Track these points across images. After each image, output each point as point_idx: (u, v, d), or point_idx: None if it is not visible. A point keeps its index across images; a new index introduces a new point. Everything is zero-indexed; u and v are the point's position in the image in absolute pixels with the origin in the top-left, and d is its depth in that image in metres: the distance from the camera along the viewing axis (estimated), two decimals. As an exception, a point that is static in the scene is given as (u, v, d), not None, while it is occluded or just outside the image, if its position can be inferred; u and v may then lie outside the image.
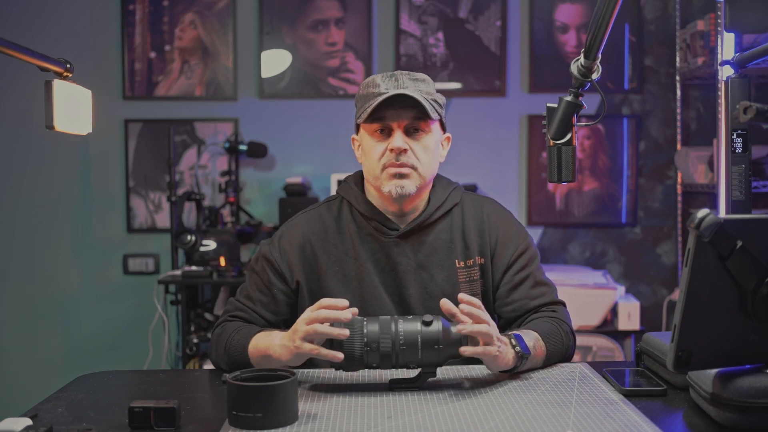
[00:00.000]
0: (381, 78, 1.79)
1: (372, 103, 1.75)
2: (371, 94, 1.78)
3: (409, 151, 1.76)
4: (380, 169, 1.78)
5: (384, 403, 1.48)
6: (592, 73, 1.62)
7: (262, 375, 1.42)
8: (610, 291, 3.72)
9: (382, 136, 1.79)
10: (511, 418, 1.37)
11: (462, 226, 1.87)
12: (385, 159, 1.77)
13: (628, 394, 1.51)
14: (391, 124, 1.77)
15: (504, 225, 1.88)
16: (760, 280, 1.25)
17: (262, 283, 1.84)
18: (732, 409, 1.29)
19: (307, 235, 1.86)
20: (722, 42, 3.41)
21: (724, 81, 1.69)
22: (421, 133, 1.79)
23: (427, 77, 1.83)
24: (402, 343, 1.51)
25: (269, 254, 1.85)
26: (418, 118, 1.77)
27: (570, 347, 1.79)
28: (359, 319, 1.53)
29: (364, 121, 1.78)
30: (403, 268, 1.82)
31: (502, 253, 1.85)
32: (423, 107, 1.74)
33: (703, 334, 1.26)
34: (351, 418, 1.39)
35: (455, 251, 1.84)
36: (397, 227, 1.83)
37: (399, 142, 1.75)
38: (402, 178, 1.76)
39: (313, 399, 1.51)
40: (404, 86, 1.77)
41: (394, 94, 1.73)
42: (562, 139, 1.64)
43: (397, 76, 1.79)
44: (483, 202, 1.92)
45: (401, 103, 1.75)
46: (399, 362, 1.53)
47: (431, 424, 1.35)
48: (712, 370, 1.34)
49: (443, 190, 1.89)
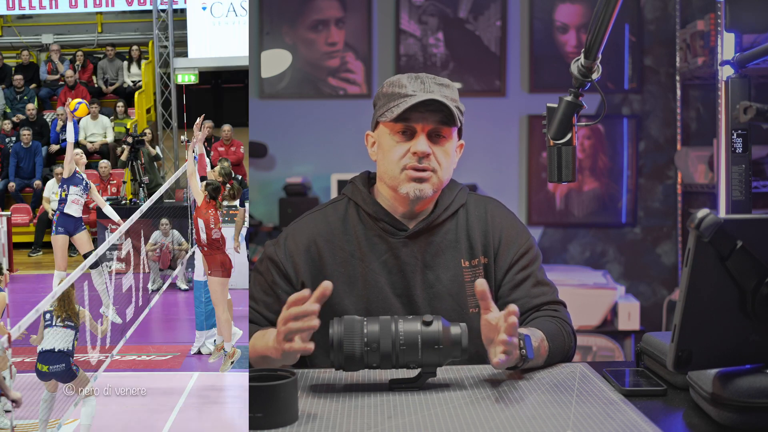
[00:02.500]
0: (407, 79, 1.79)
1: (400, 103, 1.75)
2: (397, 94, 1.77)
3: (431, 155, 1.77)
4: (399, 169, 1.78)
5: (384, 403, 1.48)
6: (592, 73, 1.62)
7: (262, 375, 1.42)
8: (610, 291, 3.72)
9: (404, 138, 1.78)
10: (511, 418, 1.37)
11: (467, 226, 1.87)
12: (407, 161, 1.77)
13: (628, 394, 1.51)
14: (415, 127, 1.77)
15: (507, 225, 1.89)
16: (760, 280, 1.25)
17: (267, 284, 1.84)
18: (732, 409, 1.29)
19: (312, 237, 1.85)
20: (722, 42, 3.41)
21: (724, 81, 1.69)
22: (443, 139, 1.79)
23: (451, 83, 1.83)
24: (402, 343, 1.51)
25: (274, 255, 1.85)
26: (442, 123, 1.78)
27: (571, 348, 1.79)
28: (359, 319, 1.53)
29: (390, 120, 1.78)
30: (411, 269, 1.82)
31: (504, 252, 1.86)
32: (449, 112, 1.75)
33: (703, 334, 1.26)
34: (351, 418, 1.39)
35: (461, 251, 1.85)
36: (406, 227, 1.84)
37: (423, 146, 1.76)
38: (422, 182, 1.77)
39: (313, 399, 1.51)
40: (431, 90, 1.77)
41: (425, 99, 1.73)
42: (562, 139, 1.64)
43: (423, 78, 1.78)
44: (486, 203, 1.93)
45: (427, 106, 1.75)
46: (399, 362, 1.53)
47: (431, 424, 1.35)
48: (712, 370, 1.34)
49: (450, 191, 1.90)
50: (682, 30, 4.06)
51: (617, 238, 4.24)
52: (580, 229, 4.23)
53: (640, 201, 4.24)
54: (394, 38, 4.22)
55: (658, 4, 4.22)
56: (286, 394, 1.35)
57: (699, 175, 3.91)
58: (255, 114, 4.22)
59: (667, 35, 4.20)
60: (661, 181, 4.25)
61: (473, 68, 4.21)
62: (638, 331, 3.71)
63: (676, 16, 4.14)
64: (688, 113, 4.21)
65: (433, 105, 1.74)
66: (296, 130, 4.23)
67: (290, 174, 4.21)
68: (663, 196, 4.24)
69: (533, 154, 4.22)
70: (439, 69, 4.20)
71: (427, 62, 4.22)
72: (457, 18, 4.20)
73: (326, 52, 4.22)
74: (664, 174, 4.24)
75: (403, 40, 4.21)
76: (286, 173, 4.21)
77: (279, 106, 4.23)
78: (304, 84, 4.22)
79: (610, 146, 4.21)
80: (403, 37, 4.21)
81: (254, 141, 4.10)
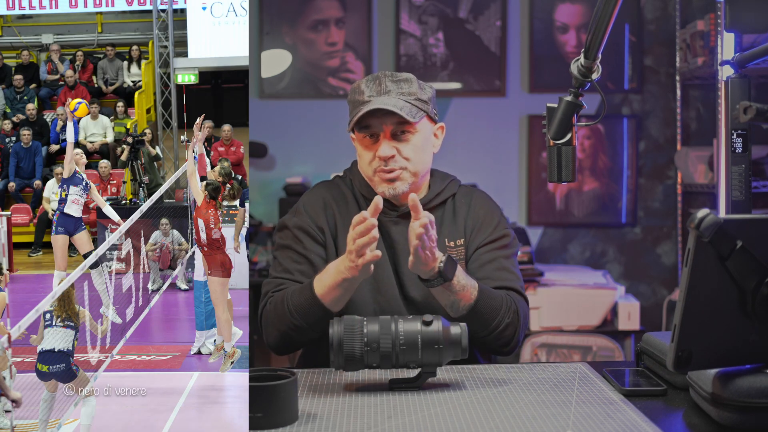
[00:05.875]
0: (365, 83, 1.87)
1: (357, 112, 1.83)
2: (357, 101, 1.86)
3: (396, 155, 1.85)
4: (372, 172, 1.88)
5: (384, 403, 1.48)
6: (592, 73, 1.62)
7: (262, 375, 1.42)
8: (610, 291, 3.72)
9: (371, 142, 1.87)
10: (511, 418, 1.37)
11: (453, 212, 1.97)
12: (375, 164, 1.87)
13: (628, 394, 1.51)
14: (377, 131, 1.85)
15: (487, 212, 1.98)
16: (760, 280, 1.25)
17: (298, 254, 1.90)
18: (732, 409, 1.29)
19: (326, 199, 1.96)
20: (722, 42, 3.41)
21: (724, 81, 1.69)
22: (407, 134, 1.86)
23: (411, 76, 1.89)
24: (402, 343, 1.51)
25: (301, 223, 1.92)
26: (401, 122, 1.84)
27: (506, 325, 1.80)
28: (359, 319, 1.53)
29: (352, 129, 1.89)
30: (400, 247, 1.89)
31: (478, 233, 1.95)
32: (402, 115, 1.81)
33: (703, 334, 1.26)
34: (351, 418, 1.39)
35: (446, 233, 1.94)
36: (397, 208, 1.92)
37: (385, 150, 1.84)
38: (393, 181, 1.86)
39: (313, 399, 1.51)
40: (386, 90, 1.84)
41: (374, 108, 1.80)
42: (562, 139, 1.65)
43: (380, 79, 1.85)
44: (473, 192, 2.04)
45: (384, 110, 1.82)
46: (399, 362, 1.53)
47: (431, 424, 1.35)
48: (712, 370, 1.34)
49: (441, 181, 2.00)
50: (682, 30, 4.06)
51: (617, 238, 4.24)
52: (580, 229, 4.23)
53: (640, 201, 4.24)
54: (394, 38, 4.22)
55: (658, 4, 4.22)
56: (286, 394, 1.35)
57: (699, 175, 3.91)
58: (255, 114, 4.22)
59: (667, 35, 4.20)
60: (661, 181, 4.25)
61: (473, 68, 4.21)
62: (638, 331, 3.71)
63: (676, 16, 4.14)
64: (688, 113, 4.21)
65: None
66: (296, 130, 4.23)
67: (290, 174, 4.21)
68: (663, 196, 4.24)
69: (533, 154, 4.22)
70: (439, 69, 4.20)
71: (427, 62, 4.22)
72: (457, 18, 4.20)
73: (326, 52, 4.22)
74: (664, 174, 4.24)
75: (403, 40, 4.21)
76: (286, 173, 4.21)
77: (279, 106, 4.23)
78: (304, 84, 4.22)
79: (610, 146, 4.21)
80: (403, 37, 4.21)
81: (254, 141, 4.10)
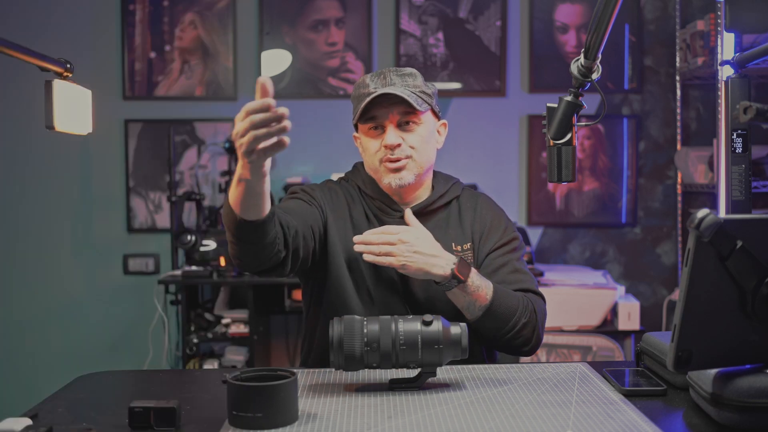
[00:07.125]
0: (370, 78, 1.89)
1: (362, 101, 1.86)
2: (362, 94, 1.88)
3: (402, 144, 1.87)
4: (378, 162, 1.90)
5: (384, 403, 1.48)
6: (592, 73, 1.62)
7: (262, 375, 1.42)
8: (610, 291, 3.72)
9: (377, 133, 1.90)
10: (511, 418, 1.37)
11: (459, 215, 1.98)
12: (381, 154, 1.88)
13: (628, 394, 1.51)
14: (383, 121, 1.88)
15: (495, 217, 1.99)
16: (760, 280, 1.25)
17: (300, 199, 1.89)
18: (732, 409, 1.29)
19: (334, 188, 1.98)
20: (722, 42, 3.41)
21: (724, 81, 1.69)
22: (413, 125, 1.89)
23: (415, 71, 1.92)
24: (402, 343, 1.51)
25: (305, 187, 1.94)
26: (407, 112, 1.87)
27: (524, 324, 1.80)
28: (359, 319, 1.53)
29: (358, 121, 1.91)
30: None
31: (487, 238, 1.95)
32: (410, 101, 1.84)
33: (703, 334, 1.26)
34: (351, 418, 1.39)
35: (452, 236, 1.94)
36: (401, 209, 1.93)
37: (391, 138, 1.86)
38: (399, 170, 1.88)
39: (313, 399, 1.51)
40: (392, 83, 1.87)
41: (381, 93, 1.83)
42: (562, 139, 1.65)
43: (385, 73, 1.89)
44: (478, 196, 2.04)
45: (390, 100, 1.85)
46: (399, 362, 1.53)
47: (431, 424, 1.35)
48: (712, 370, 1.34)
49: (445, 182, 2.01)
50: (682, 30, 4.06)
51: (617, 238, 4.24)
52: (580, 229, 4.24)
53: (640, 201, 4.24)
54: (394, 38, 4.22)
55: (658, 4, 4.23)
56: (286, 394, 1.35)
57: (699, 175, 3.91)
58: (255, 114, 4.22)
59: (667, 35, 4.21)
60: (661, 181, 4.25)
61: (473, 68, 4.21)
62: (638, 331, 3.71)
63: (676, 16, 4.14)
64: (688, 113, 4.21)
65: (395, 98, 1.84)
66: (296, 130, 4.21)
67: (290, 174, 4.20)
68: (663, 196, 4.24)
69: (533, 154, 4.22)
70: (439, 69, 4.20)
71: (427, 62, 4.22)
72: (457, 18, 4.20)
73: (326, 52, 4.22)
74: (664, 174, 4.24)
75: (403, 40, 4.21)
76: (286, 173, 4.21)
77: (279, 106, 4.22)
78: (304, 84, 4.22)
79: (610, 146, 4.21)
80: (403, 37, 4.21)
81: (254, 141, 4.09)
